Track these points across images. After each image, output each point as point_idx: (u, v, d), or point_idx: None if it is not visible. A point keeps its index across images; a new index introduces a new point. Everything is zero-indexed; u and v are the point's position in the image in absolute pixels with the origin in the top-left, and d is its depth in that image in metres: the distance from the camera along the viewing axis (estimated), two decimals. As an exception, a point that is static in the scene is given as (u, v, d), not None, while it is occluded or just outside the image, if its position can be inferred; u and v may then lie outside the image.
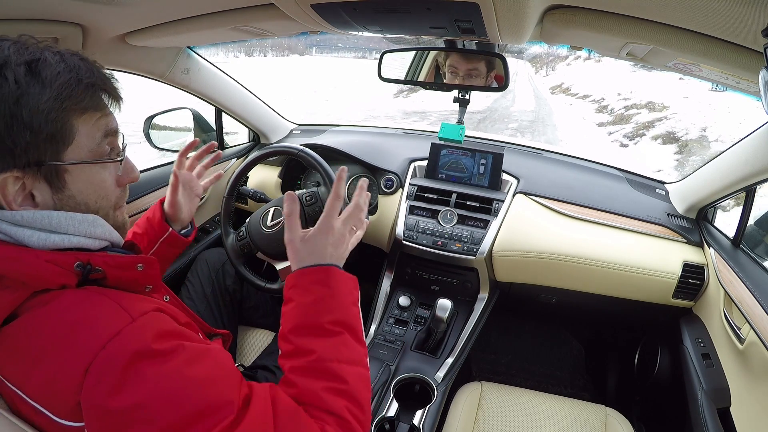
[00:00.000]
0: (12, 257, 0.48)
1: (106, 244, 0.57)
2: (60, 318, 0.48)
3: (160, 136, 1.43)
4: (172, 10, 0.89)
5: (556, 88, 16.97)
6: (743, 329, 0.93)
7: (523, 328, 1.83)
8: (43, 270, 0.49)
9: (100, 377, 0.45)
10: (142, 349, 0.47)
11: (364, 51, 41.63)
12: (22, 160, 0.49)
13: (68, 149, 0.51)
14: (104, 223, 0.57)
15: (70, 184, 0.53)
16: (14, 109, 0.47)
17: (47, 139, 0.49)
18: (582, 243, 1.20)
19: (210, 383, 0.49)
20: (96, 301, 0.50)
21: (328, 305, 0.62)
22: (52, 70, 0.49)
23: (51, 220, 0.51)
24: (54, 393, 0.47)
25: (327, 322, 0.61)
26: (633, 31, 0.65)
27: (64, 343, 0.47)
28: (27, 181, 0.50)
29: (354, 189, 1.52)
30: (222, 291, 1.20)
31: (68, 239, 0.52)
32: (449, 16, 0.71)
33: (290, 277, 0.66)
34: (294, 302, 0.63)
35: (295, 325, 0.61)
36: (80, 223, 0.53)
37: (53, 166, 0.51)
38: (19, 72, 0.47)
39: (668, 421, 1.21)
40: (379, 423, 0.97)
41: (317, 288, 0.63)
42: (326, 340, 0.60)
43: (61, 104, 0.49)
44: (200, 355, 0.51)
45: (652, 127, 7.58)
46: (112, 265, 0.54)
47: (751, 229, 1.13)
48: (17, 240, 0.50)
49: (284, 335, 0.62)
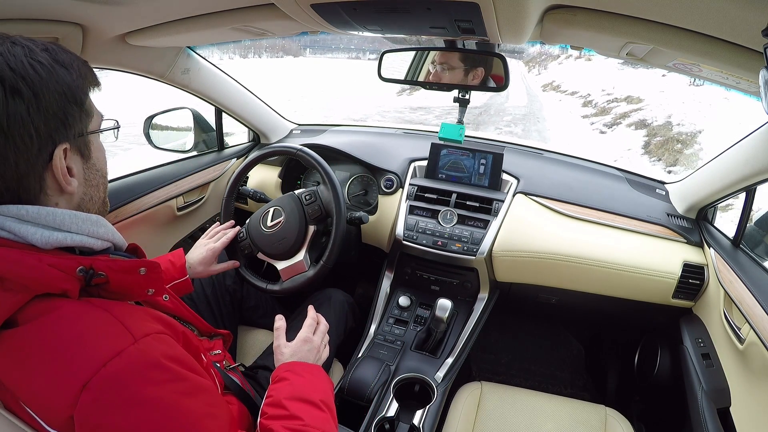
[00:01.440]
0: (14, 260, 0.48)
1: (108, 245, 0.57)
2: (61, 331, 0.48)
3: (160, 136, 1.43)
4: (172, 10, 0.89)
5: (547, 85, 17.67)
6: (743, 329, 0.93)
7: (523, 328, 1.83)
8: (46, 274, 0.49)
9: (97, 395, 0.45)
10: (142, 372, 0.47)
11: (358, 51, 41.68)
12: (71, 132, 0.53)
13: (91, 121, 0.56)
14: (107, 224, 0.57)
15: (93, 152, 0.58)
16: (58, 86, 0.50)
17: (83, 111, 0.54)
18: (582, 243, 1.20)
19: (204, 420, 0.50)
20: (98, 318, 0.50)
21: (318, 387, 0.74)
22: (65, 54, 0.53)
23: (56, 218, 0.51)
24: (48, 404, 0.47)
25: (318, 400, 0.70)
26: (633, 31, 0.65)
27: (64, 357, 0.47)
28: (69, 153, 0.53)
29: (354, 188, 1.52)
30: (222, 291, 1.19)
31: (71, 237, 0.52)
32: (449, 16, 0.71)
33: (285, 364, 0.79)
34: (289, 381, 0.74)
35: (290, 395, 0.70)
36: (84, 222, 0.54)
37: (85, 137, 0.55)
38: (45, 57, 0.50)
39: (668, 421, 1.21)
40: (379, 423, 0.97)
41: (309, 375, 0.76)
42: (317, 413, 0.68)
43: (83, 81, 0.54)
44: (198, 389, 0.52)
45: (628, 116, 8.84)
46: (115, 269, 0.54)
47: (751, 229, 1.13)
48: (21, 237, 0.50)
49: (279, 402, 0.69)
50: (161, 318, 0.58)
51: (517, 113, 10.25)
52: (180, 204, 1.41)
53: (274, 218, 1.15)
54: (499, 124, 8.93)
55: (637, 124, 8.17)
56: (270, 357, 1.10)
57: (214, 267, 1.08)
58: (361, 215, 1.26)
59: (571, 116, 10.35)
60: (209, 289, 1.17)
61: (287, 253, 1.12)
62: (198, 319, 0.86)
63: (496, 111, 10.15)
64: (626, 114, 9.00)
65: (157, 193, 1.30)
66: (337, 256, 1.11)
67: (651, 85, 10.16)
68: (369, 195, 1.51)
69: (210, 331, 0.90)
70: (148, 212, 1.28)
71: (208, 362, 0.71)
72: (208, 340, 0.89)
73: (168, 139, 1.48)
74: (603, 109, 10.23)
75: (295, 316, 1.19)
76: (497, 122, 9.17)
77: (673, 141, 6.94)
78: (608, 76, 13.26)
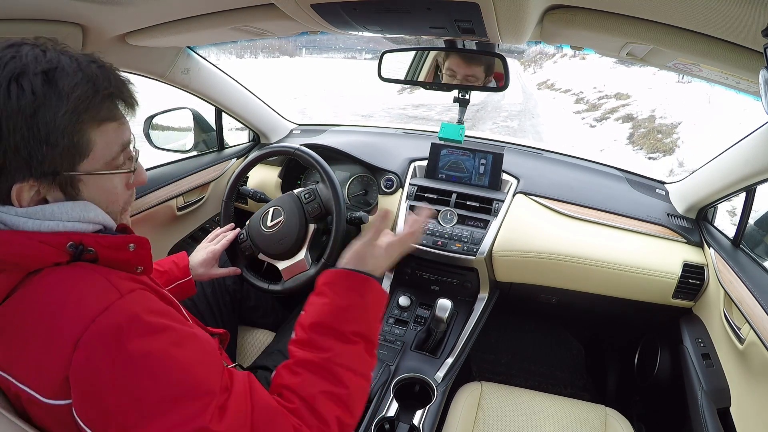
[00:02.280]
0: (5, 240, 0.49)
1: (99, 227, 0.57)
2: (49, 294, 0.48)
3: (160, 136, 1.43)
4: (172, 10, 0.89)
5: (542, 84, 18.11)
6: (743, 329, 0.93)
7: (522, 328, 1.83)
8: (36, 250, 0.49)
9: (89, 352, 0.45)
10: (131, 325, 0.47)
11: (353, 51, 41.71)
12: (38, 171, 0.49)
13: (85, 161, 0.52)
14: (96, 207, 0.56)
15: (84, 191, 0.54)
16: (31, 122, 0.47)
17: (63, 152, 0.50)
18: (582, 243, 1.20)
19: (195, 367, 0.50)
20: (85, 276, 0.50)
21: (355, 316, 0.64)
22: (70, 80, 0.49)
23: (45, 212, 0.52)
24: (43, 370, 0.47)
25: (349, 331, 0.63)
26: (633, 31, 0.65)
27: (53, 318, 0.47)
28: (42, 188, 0.51)
29: (354, 188, 1.52)
30: (222, 291, 1.20)
31: (62, 225, 0.52)
32: (449, 16, 0.71)
33: (330, 272, 0.68)
34: (325, 299, 0.65)
35: (318, 321, 0.63)
36: (72, 209, 0.53)
37: (68, 176, 0.52)
38: (36, 82, 0.47)
39: (668, 421, 1.21)
40: (379, 423, 0.97)
41: (352, 296, 0.65)
42: (343, 345, 0.62)
43: (77, 117, 0.49)
44: (187, 338, 0.52)
45: (616, 111, 9.57)
46: (104, 245, 0.54)
47: (751, 229, 1.13)
48: (13, 227, 0.50)
49: (305, 325, 0.64)
50: (148, 284, 0.57)
51: (513, 110, 10.79)
52: (180, 204, 1.41)
53: (273, 218, 1.15)
54: (496, 119, 9.49)
55: (624, 118, 8.86)
56: (268, 357, 1.11)
57: (215, 270, 1.08)
58: (361, 215, 1.26)
59: (563, 112, 10.99)
60: (209, 289, 1.17)
61: (288, 252, 1.12)
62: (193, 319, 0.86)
63: (493, 108, 10.57)
64: (615, 109, 9.70)
65: (157, 193, 1.30)
66: (338, 254, 1.11)
67: (640, 82, 10.80)
68: (369, 195, 1.51)
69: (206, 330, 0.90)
70: (148, 212, 1.28)
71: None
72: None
73: (168, 139, 1.48)
74: (593, 105, 10.89)
75: (294, 316, 1.19)
76: (494, 117, 9.65)
77: (654, 132, 7.63)
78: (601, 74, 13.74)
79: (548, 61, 23.97)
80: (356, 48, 42.11)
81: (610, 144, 7.72)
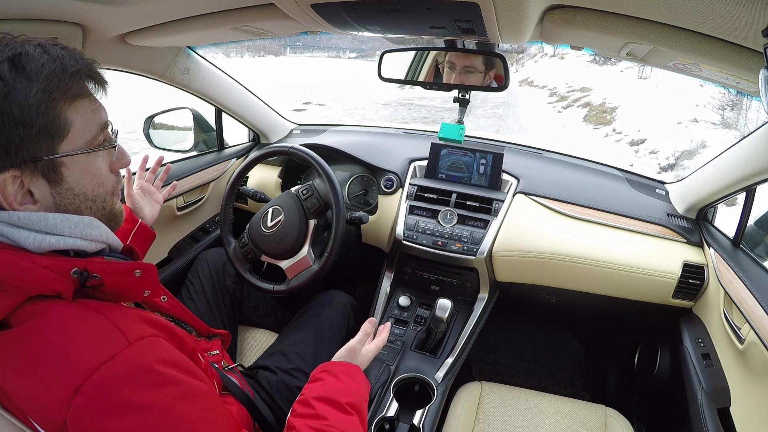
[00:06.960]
0: (8, 261, 0.48)
1: (102, 247, 0.57)
2: (55, 334, 0.47)
3: (160, 136, 1.43)
4: (172, 10, 0.89)
5: (523, 81, 20.13)
6: (743, 329, 0.93)
7: (523, 328, 1.82)
8: (40, 276, 0.48)
9: (90, 399, 0.45)
10: (136, 376, 0.46)
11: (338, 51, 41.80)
12: (18, 158, 0.48)
13: (63, 142, 0.51)
14: (101, 225, 0.56)
15: (67, 176, 0.53)
16: (3, 106, 0.46)
17: (41, 132, 0.49)
18: (582, 243, 1.20)
19: (202, 425, 0.49)
20: (92, 320, 0.49)
21: (350, 391, 0.74)
22: (36, 62, 0.49)
23: (47, 222, 0.51)
24: (42, 407, 0.47)
25: (346, 402, 0.71)
26: (633, 31, 0.65)
27: (57, 360, 0.46)
28: (25, 179, 0.50)
29: (354, 188, 1.52)
30: (222, 291, 1.19)
31: (64, 241, 0.52)
32: (449, 16, 0.71)
33: (326, 363, 0.82)
34: (324, 382, 0.76)
35: (320, 396, 0.71)
36: (76, 224, 0.53)
37: (49, 160, 0.51)
38: (3, 69, 0.47)
39: (668, 421, 1.21)
40: (379, 423, 0.97)
41: (346, 378, 0.77)
42: (342, 415, 0.69)
43: (49, 95, 0.49)
44: (194, 393, 0.51)
45: (579, 100, 12.53)
46: (109, 271, 0.53)
47: (751, 229, 1.13)
48: (14, 241, 0.49)
49: (307, 401, 0.70)
50: (155, 320, 0.57)
51: (498, 102, 13.60)
52: (180, 204, 1.41)
53: (273, 218, 1.15)
54: (486, 109, 12.20)
55: (583, 105, 11.96)
56: (270, 357, 1.10)
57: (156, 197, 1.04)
58: (361, 215, 1.26)
59: (538, 103, 14.00)
60: (209, 289, 1.17)
61: (291, 250, 1.12)
62: (195, 320, 0.86)
63: (482, 100, 12.96)
64: (578, 99, 12.74)
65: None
66: (341, 246, 1.11)
67: (604, 78, 13.66)
68: (369, 195, 1.51)
69: (208, 331, 0.90)
70: (148, 212, 1.28)
71: (206, 363, 0.71)
72: (206, 341, 0.89)
73: (168, 139, 1.47)
74: (563, 96, 13.92)
75: (297, 317, 1.19)
76: (484, 107, 12.37)
77: (600, 112, 10.61)
78: (574, 72, 15.85)
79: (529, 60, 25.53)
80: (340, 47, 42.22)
81: (569, 122, 10.67)
